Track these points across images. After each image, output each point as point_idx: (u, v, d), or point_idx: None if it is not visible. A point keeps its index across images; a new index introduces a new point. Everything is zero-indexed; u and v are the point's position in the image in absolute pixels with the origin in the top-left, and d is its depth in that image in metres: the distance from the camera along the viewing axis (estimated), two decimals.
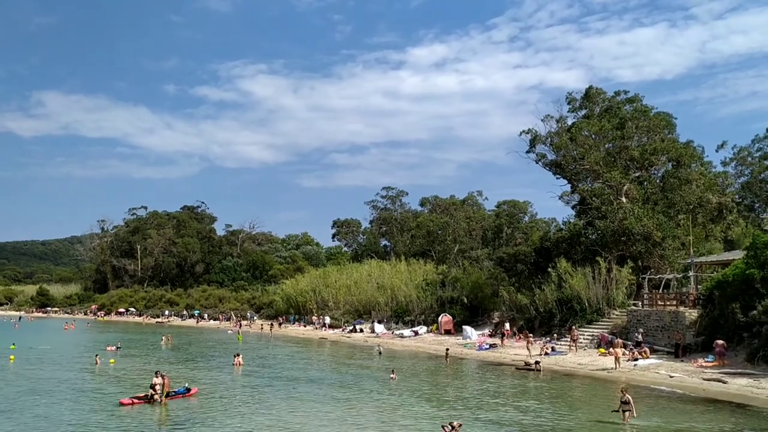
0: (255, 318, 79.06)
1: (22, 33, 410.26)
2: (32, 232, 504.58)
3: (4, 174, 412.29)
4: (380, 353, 41.63)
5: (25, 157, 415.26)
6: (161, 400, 22.86)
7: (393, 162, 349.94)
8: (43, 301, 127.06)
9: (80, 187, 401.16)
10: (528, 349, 37.17)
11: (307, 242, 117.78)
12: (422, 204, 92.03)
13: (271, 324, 67.83)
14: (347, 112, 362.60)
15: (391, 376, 29.33)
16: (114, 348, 44.56)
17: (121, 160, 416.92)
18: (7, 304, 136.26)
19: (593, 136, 49.69)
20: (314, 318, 67.21)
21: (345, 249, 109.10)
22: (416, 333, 52.61)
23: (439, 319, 52.87)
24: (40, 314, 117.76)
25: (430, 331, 53.11)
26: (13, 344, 45.82)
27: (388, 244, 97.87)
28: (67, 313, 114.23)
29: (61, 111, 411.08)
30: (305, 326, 66.58)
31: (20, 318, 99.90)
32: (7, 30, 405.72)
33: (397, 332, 54.21)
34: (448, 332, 50.88)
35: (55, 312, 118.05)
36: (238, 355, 36.25)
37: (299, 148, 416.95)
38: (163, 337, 53.62)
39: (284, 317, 73.01)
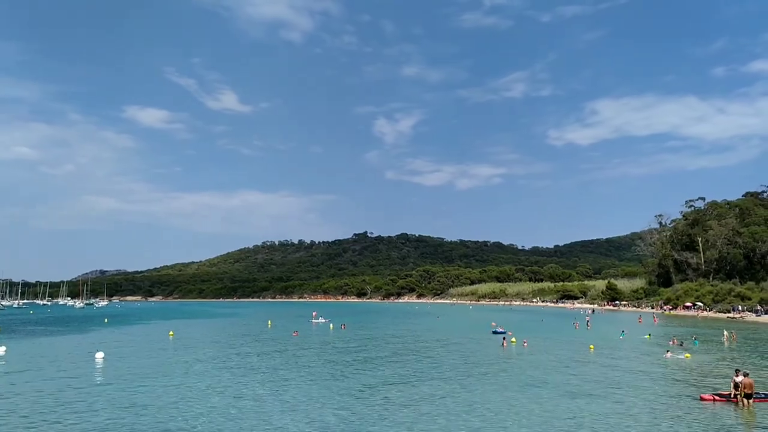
0: None
1: (573, 51, 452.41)
2: (596, 231, 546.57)
3: (568, 182, 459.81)
4: None
5: (585, 163, 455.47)
6: (743, 402, 21.58)
7: None
8: (612, 295, 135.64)
9: (636, 184, 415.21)
10: None
11: None
12: None
13: None
14: None
15: None
16: (678, 343, 44.61)
17: (673, 153, 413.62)
18: (581, 297, 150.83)
19: None
20: None
21: None
22: None
23: None
24: (611, 307, 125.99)
25: None
26: (649, 334, 53.72)
27: None
28: (635, 306, 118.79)
29: (612, 116, 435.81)
30: None
31: (593, 311, 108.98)
32: (560, 53, 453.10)
33: None
34: None
35: (624, 305, 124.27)
36: None
37: None
38: (726, 333, 50.62)
39: None
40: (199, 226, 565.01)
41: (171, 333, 58.59)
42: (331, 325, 69.98)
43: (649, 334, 53.41)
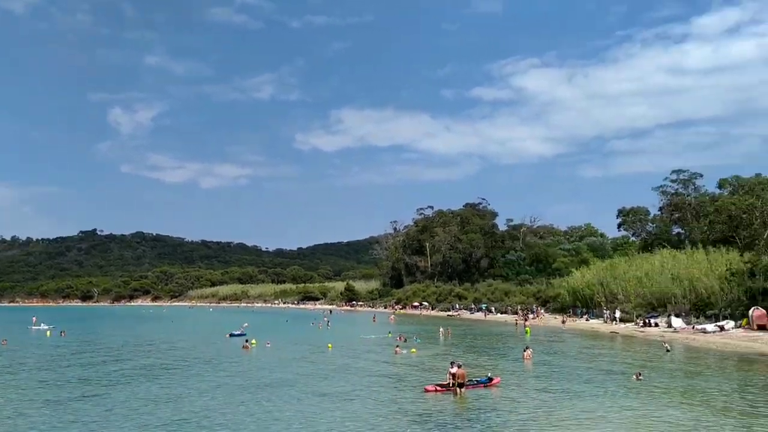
0: (543, 312, 78.83)
1: (320, 59, 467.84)
2: (338, 234, 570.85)
3: (313, 185, 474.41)
4: (668, 350, 39.19)
5: (330, 169, 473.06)
6: (457, 390, 24.39)
7: (682, 143, 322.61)
8: (350, 296, 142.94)
9: (376, 191, 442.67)
10: None
11: (590, 233, 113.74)
12: (721, 186, 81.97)
13: (564, 319, 67.44)
14: (626, 96, 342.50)
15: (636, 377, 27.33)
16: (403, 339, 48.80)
17: (409, 164, 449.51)
18: (322, 298, 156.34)
19: None
20: (603, 311, 64.83)
21: (632, 239, 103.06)
22: (722, 328, 47.52)
23: (750, 312, 47.17)
24: (349, 308, 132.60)
25: (739, 326, 47.69)
26: (390, 332, 56.34)
27: (681, 231, 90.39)
28: (370, 306, 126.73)
29: (355, 125, 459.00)
30: (592, 320, 64.75)
31: (331, 311, 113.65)
32: (308, 59, 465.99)
33: (699, 327, 49.59)
34: (762, 327, 45.25)
35: (360, 306, 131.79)
36: (528, 348, 36.81)
37: (577, 138, 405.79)
38: (441, 329, 56.74)
39: (571, 311, 72.06)
40: None
41: None
42: (49, 332, 62.58)
43: (390, 332, 57.09)
